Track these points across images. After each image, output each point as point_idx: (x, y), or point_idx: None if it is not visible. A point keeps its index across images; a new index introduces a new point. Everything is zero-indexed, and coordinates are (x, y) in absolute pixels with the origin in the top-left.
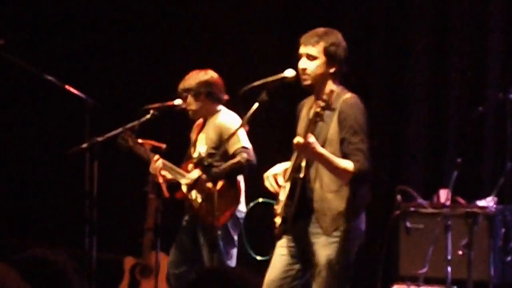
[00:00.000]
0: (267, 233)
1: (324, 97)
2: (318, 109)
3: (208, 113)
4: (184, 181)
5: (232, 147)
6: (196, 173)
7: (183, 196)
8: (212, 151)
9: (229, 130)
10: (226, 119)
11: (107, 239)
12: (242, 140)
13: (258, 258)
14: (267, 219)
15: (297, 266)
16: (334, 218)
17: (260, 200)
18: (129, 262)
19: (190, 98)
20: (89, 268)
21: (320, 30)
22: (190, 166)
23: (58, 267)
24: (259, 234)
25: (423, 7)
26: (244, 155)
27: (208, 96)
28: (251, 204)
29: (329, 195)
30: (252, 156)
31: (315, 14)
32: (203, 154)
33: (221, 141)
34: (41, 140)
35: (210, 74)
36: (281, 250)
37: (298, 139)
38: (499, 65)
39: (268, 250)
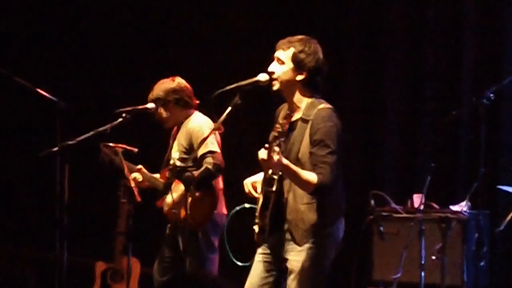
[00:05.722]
0: (250, 239)
1: (281, 121)
2: (276, 134)
3: (180, 120)
4: (169, 199)
5: (199, 151)
6: (179, 191)
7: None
8: (184, 155)
9: (197, 134)
10: (196, 123)
11: (78, 243)
12: (209, 144)
13: (239, 263)
14: (251, 225)
15: (274, 273)
16: (307, 230)
17: (247, 205)
18: (100, 266)
19: (160, 108)
20: (60, 273)
21: (296, 36)
22: (168, 173)
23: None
24: (242, 239)
25: (398, 13)
26: (210, 160)
27: (176, 103)
28: (237, 209)
29: (302, 206)
30: (219, 159)
31: (289, 23)
32: (176, 161)
33: (192, 146)
34: (11, 143)
35: (176, 81)
36: (260, 258)
37: (262, 156)
38: (473, 70)
39: (250, 256)
